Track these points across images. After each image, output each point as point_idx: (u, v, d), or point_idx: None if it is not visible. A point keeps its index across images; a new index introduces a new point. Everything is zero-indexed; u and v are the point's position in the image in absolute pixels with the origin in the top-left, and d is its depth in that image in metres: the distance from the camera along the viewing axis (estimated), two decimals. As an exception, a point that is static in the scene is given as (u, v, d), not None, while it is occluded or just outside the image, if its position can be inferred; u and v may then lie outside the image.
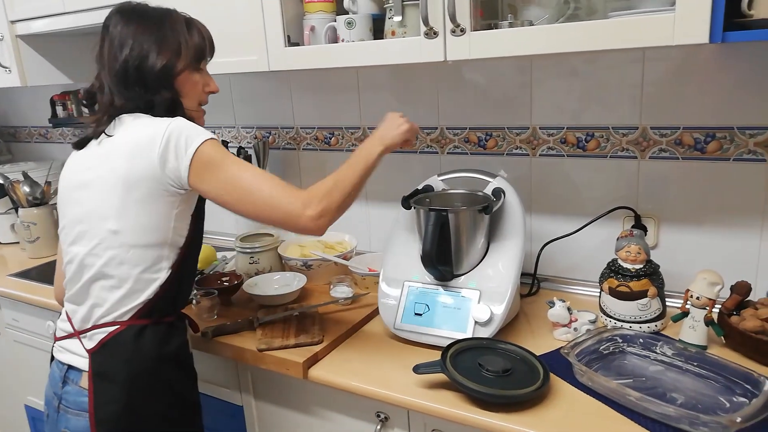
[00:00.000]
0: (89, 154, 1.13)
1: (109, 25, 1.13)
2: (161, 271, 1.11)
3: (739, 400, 1.00)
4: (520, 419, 1.01)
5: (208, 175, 1.05)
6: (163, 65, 1.10)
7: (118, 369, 1.08)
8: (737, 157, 1.27)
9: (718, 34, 0.92)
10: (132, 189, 1.06)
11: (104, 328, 1.10)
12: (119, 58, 1.09)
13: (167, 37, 1.12)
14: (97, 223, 1.09)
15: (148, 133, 1.05)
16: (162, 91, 1.11)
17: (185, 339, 1.19)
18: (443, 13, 1.12)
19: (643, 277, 1.25)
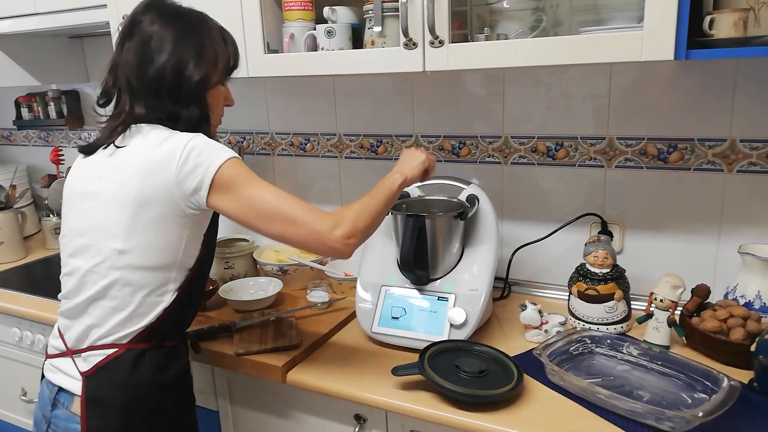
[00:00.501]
0: (98, 161, 1.07)
1: (142, 21, 1.04)
2: (167, 293, 1.06)
3: (700, 396, 1.06)
4: (495, 418, 1.04)
5: (231, 196, 0.99)
6: (200, 78, 1.04)
7: (113, 395, 1.04)
8: (697, 167, 1.34)
9: (682, 52, 0.98)
10: (143, 208, 1.00)
11: (102, 351, 1.05)
12: (155, 62, 1.02)
13: (206, 46, 1.05)
14: (102, 240, 1.03)
15: (166, 149, 0.99)
16: (192, 105, 1.05)
17: (186, 362, 1.15)
18: (422, 25, 1.16)
19: (610, 281, 1.31)
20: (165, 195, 0.99)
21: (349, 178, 1.77)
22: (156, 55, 1.02)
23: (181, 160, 0.98)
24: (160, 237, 1.02)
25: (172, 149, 0.99)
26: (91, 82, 2.20)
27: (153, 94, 1.03)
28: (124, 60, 1.05)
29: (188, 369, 1.16)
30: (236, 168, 1.01)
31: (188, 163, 0.98)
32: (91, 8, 1.61)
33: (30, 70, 2.01)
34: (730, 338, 1.15)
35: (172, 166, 0.98)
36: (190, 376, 1.17)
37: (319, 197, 1.83)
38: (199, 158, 0.98)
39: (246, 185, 1.00)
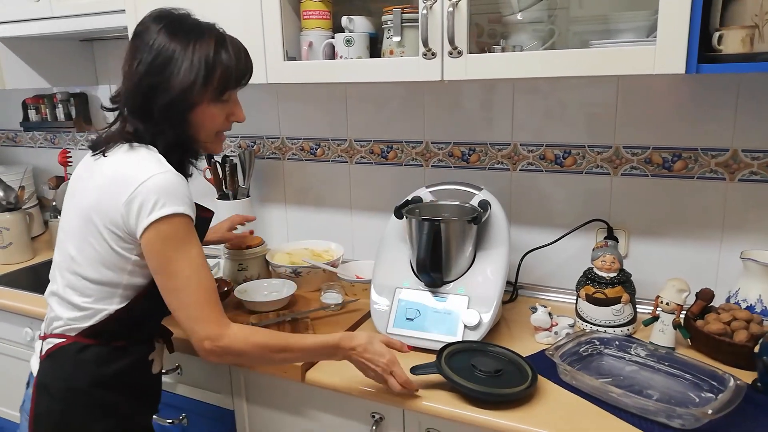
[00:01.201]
0: (85, 163, 1.12)
1: (138, 33, 1.05)
2: (111, 304, 1.07)
3: (706, 396, 1.11)
4: (511, 416, 1.08)
5: (159, 249, 1.00)
6: (173, 98, 1.01)
7: (55, 383, 1.08)
8: (700, 175, 1.39)
9: (693, 66, 1.03)
10: (93, 221, 1.02)
11: (53, 339, 1.10)
12: (133, 77, 1.02)
13: (189, 60, 1.01)
14: (66, 241, 1.09)
15: (129, 173, 1.00)
16: (166, 125, 1.04)
17: (139, 359, 1.14)
18: (442, 36, 1.20)
19: (617, 285, 1.36)
20: (111, 217, 1.01)
21: (358, 182, 1.81)
22: (135, 69, 1.02)
23: (137, 189, 0.98)
24: (104, 255, 1.03)
25: (134, 176, 0.99)
26: (100, 84, 2.22)
27: (130, 110, 1.05)
28: (122, 70, 1.07)
29: (145, 368, 1.16)
30: (180, 227, 1.00)
31: (141, 195, 0.98)
32: (109, 13, 1.63)
33: (41, 73, 2.02)
34: (734, 340, 1.20)
35: (126, 191, 0.98)
36: (148, 374, 1.17)
37: (328, 202, 1.86)
38: (152, 196, 0.98)
39: (177, 248, 1.00)
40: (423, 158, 1.70)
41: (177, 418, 1.50)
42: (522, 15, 1.30)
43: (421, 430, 1.19)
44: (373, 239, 1.81)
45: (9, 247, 2.02)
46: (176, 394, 1.49)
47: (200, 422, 1.48)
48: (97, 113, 2.27)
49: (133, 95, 1.03)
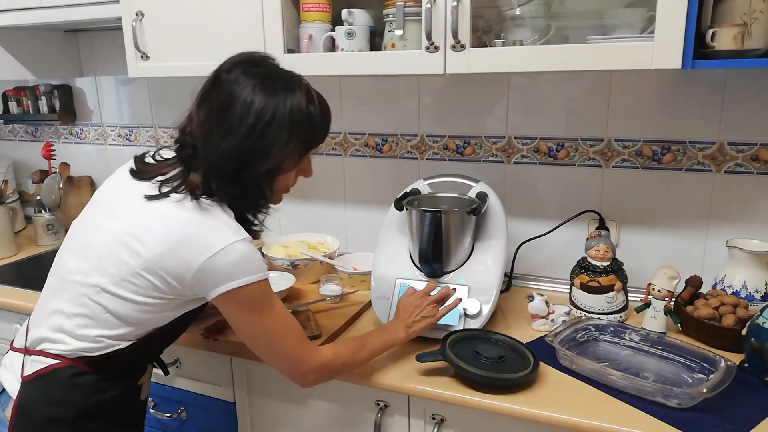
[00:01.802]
0: (139, 188, 1.02)
1: (226, 81, 0.97)
2: (125, 340, 1.02)
3: (698, 376, 1.16)
4: (515, 400, 1.12)
5: (243, 313, 1.00)
6: (271, 168, 0.99)
7: (40, 408, 1.00)
8: (688, 167, 1.45)
9: (689, 61, 1.07)
10: (149, 273, 0.97)
11: (46, 359, 1.01)
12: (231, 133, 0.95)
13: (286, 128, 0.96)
14: (93, 267, 1.00)
15: (206, 237, 0.95)
16: (254, 189, 1.01)
17: (130, 387, 1.10)
18: (444, 30, 1.22)
19: (610, 273, 1.40)
20: (177, 273, 0.96)
21: (352, 175, 1.82)
22: (234, 126, 0.95)
23: (214, 256, 0.95)
24: (146, 301, 0.99)
25: (212, 241, 0.95)
26: (86, 76, 2.18)
27: (215, 168, 0.98)
28: (198, 119, 0.99)
29: (134, 395, 1.12)
30: (262, 292, 1.00)
31: (217, 263, 0.95)
32: (101, 3, 1.61)
33: (26, 64, 1.98)
34: (722, 324, 1.25)
35: (202, 256, 0.95)
36: (136, 402, 1.13)
37: (322, 194, 1.87)
38: (229, 266, 0.96)
39: (262, 311, 1.01)
40: (418, 151, 1.72)
41: (175, 411, 1.49)
42: (520, 10, 1.34)
43: (426, 416, 1.21)
44: (367, 232, 1.84)
45: (-8, 242, 1.97)
46: (174, 387, 1.49)
47: (199, 415, 1.48)
48: (82, 106, 2.23)
49: (229, 159, 0.96)
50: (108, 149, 2.22)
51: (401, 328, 1.21)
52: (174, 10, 1.52)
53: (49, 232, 2.09)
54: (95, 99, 2.20)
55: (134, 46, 1.56)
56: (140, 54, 1.57)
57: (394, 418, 1.25)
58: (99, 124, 2.21)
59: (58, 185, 2.09)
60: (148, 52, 1.57)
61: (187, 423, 1.50)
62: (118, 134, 2.19)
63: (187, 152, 1.02)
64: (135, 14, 1.55)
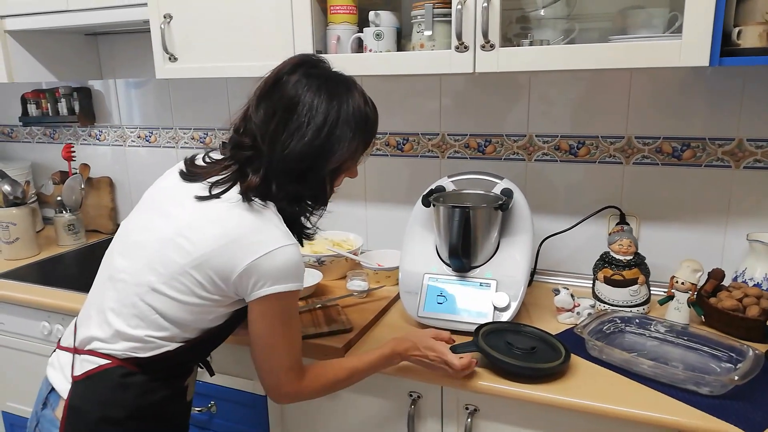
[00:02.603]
0: (190, 190, 1.04)
1: (288, 82, 0.99)
2: (174, 342, 1.04)
3: (725, 365, 1.19)
4: (548, 388, 1.15)
5: (269, 317, 1.01)
6: (337, 166, 1.02)
7: (91, 408, 1.02)
8: (708, 163, 1.48)
9: (716, 59, 1.11)
10: (197, 271, 0.98)
11: (97, 359, 1.03)
12: (299, 134, 0.97)
13: (350, 127, 1.00)
14: (144, 267, 1.02)
15: (256, 239, 0.97)
16: (318, 188, 1.03)
17: (178, 388, 1.11)
18: (474, 29, 1.26)
19: (633, 267, 1.44)
20: (223, 273, 0.98)
21: (373, 174, 1.85)
22: (303, 128, 0.97)
23: (261, 258, 0.96)
24: (194, 301, 1.00)
25: (262, 244, 0.97)
26: (105, 79, 2.21)
27: (280, 169, 0.99)
28: (257, 118, 1.00)
29: (181, 396, 1.13)
30: (292, 302, 1.03)
31: (263, 266, 0.97)
32: (128, 6, 1.64)
33: (49, 67, 2.00)
34: (746, 315, 1.29)
35: (249, 257, 0.96)
36: (182, 402, 1.14)
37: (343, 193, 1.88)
38: (274, 271, 0.97)
39: (283, 322, 1.02)
40: (439, 150, 1.75)
41: (205, 406, 1.52)
42: (545, 11, 1.37)
43: (459, 406, 1.24)
44: (388, 230, 1.86)
45: (16, 242, 1.99)
46: (205, 382, 1.51)
47: (230, 409, 1.50)
48: (101, 108, 2.26)
49: (300, 159, 0.98)
50: (127, 150, 2.25)
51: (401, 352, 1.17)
52: (202, 12, 1.54)
53: (70, 233, 2.11)
54: (114, 101, 2.22)
55: (162, 48, 1.59)
56: (168, 56, 1.60)
57: (427, 408, 1.27)
58: (118, 125, 2.24)
59: (79, 186, 2.11)
60: (176, 54, 1.60)
61: (217, 417, 1.52)
62: (137, 135, 2.21)
63: (245, 153, 1.02)
64: (163, 17, 1.58)
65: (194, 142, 2.11)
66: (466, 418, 1.22)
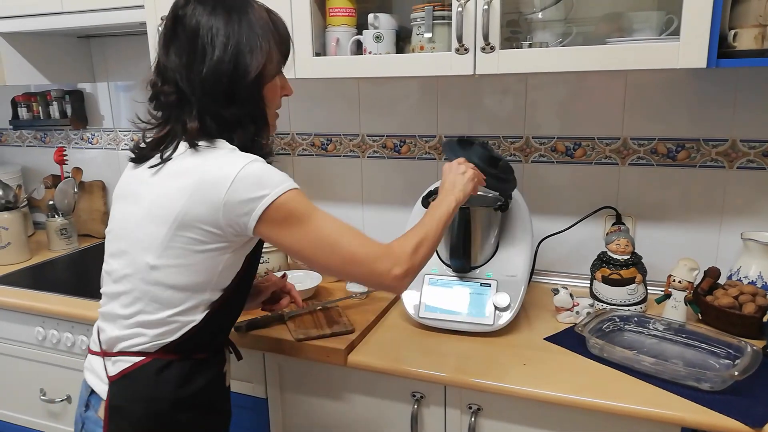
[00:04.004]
0: (143, 171, 1.04)
1: (185, 15, 0.98)
2: (197, 312, 1.03)
3: (724, 362, 1.21)
4: (551, 386, 1.15)
5: (287, 229, 0.97)
6: (258, 72, 0.98)
7: (134, 406, 1.02)
8: (702, 164, 1.51)
9: (713, 60, 1.13)
10: (183, 229, 0.96)
11: (129, 357, 1.03)
12: (207, 58, 0.95)
13: (258, 33, 0.98)
14: (136, 251, 1.01)
15: (218, 171, 0.95)
16: (250, 105, 1.01)
17: (216, 374, 1.11)
18: (474, 32, 1.27)
19: (631, 266, 1.46)
20: (209, 220, 0.96)
21: (370, 177, 1.86)
22: (208, 50, 0.96)
23: (232, 186, 0.94)
24: (196, 258, 0.98)
25: (225, 173, 0.94)
26: (98, 82, 2.19)
27: (206, 97, 0.98)
28: (171, 63, 0.99)
29: (220, 382, 1.13)
30: (295, 200, 0.97)
31: (239, 190, 0.94)
32: (123, 9, 1.63)
33: (41, 69, 1.98)
34: (743, 312, 1.31)
35: (222, 191, 0.94)
36: (222, 388, 1.15)
37: (340, 196, 1.90)
38: (252, 187, 0.95)
39: (305, 218, 0.98)
40: (436, 152, 1.76)
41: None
42: (542, 14, 1.39)
43: (462, 405, 1.25)
44: (384, 232, 1.85)
45: (7, 247, 1.97)
46: (204, 386, 1.50)
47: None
48: (93, 111, 2.24)
49: (216, 78, 0.96)
50: (120, 154, 2.23)
51: (450, 195, 1.16)
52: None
53: (63, 237, 2.09)
54: (107, 104, 2.21)
55: (160, 50, 1.58)
56: (166, 58, 1.59)
57: (430, 408, 1.28)
58: (111, 129, 2.22)
59: (72, 189, 2.09)
60: (173, 56, 1.59)
61: (218, 421, 1.51)
62: (131, 139, 2.19)
63: (170, 100, 1.00)
64: (160, 19, 1.57)
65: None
66: (470, 418, 1.23)
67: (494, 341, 1.34)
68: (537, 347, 1.31)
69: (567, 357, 1.26)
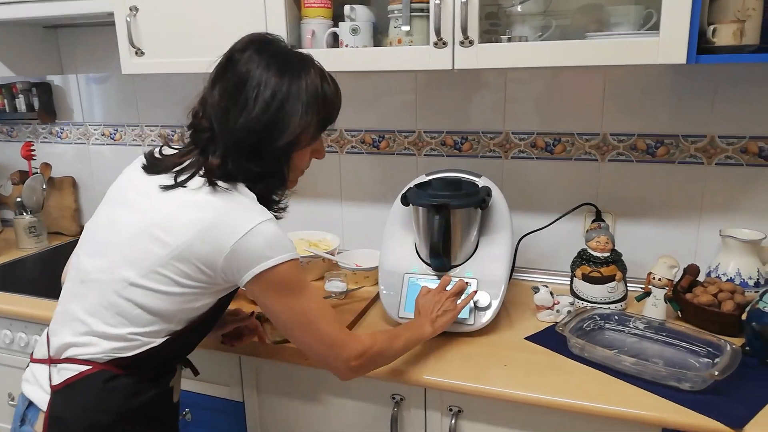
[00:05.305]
0: (157, 180, 1.01)
1: (239, 60, 0.98)
2: (158, 337, 1.00)
3: (704, 360, 1.21)
4: (531, 388, 1.14)
5: (276, 295, 0.99)
6: (289, 141, 0.98)
7: (77, 417, 0.98)
8: (681, 160, 1.50)
9: (693, 56, 1.11)
10: (179, 261, 0.95)
11: (76, 366, 0.99)
12: (246, 112, 0.96)
13: (302, 101, 0.98)
14: (119, 262, 0.98)
15: (234, 219, 0.95)
16: (272, 166, 1.01)
17: (165, 388, 1.09)
18: (453, 25, 1.24)
19: (611, 264, 1.44)
20: (208, 259, 0.96)
21: (349, 172, 1.82)
22: (250, 103, 0.96)
23: (244, 237, 0.95)
24: (178, 290, 0.98)
25: (241, 222, 0.95)
26: (66, 74, 2.11)
27: (234, 146, 0.98)
28: (213, 99, 0.99)
29: (168, 396, 1.10)
30: (293, 272, 0.99)
31: (249, 243, 0.95)
32: (92, -2, 1.57)
33: (4, 61, 1.91)
34: (722, 310, 1.31)
35: (232, 237, 0.94)
36: (170, 403, 1.12)
37: (318, 192, 1.86)
38: (261, 245, 0.96)
39: (295, 292, 1.00)
40: (416, 147, 1.73)
41: (180, 413, 1.46)
42: (521, 7, 1.36)
43: (443, 407, 1.23)
44: (364, 229, 1.84)
45: (-27, 246, 1.90)
46: (178, 389, 1.46)
47: (206, 417, 1.46)
48: (62, 104, 2.17)
49: (248, 133, 0.97)
50: (91, 149, 2.16)
51: (427, 324, 1.22)
52: (170, 4, 1.49)
53: (31, 235, 2.03)
54: (76, 97, 2.14)
55: (128, 42, 1.53)
56: (135, 50, 1.53)
57: (410, 411, 1.26)
58: (81, 122, 2.15)
59: (40, 186, 2.03)
60: (143, 48, 1.53)
61: (192, 425, 1.47)
62: (101, 133, 2.13)
63: (203, 136, 1.01)
64: (129, 9, 1.51)
65: (162, 140, 2.03)
66: (451, 420, 1.21)
67: (475, 341, 1.32)
68: (518, 347, 1.30)
69: (548, 357, 1.25)
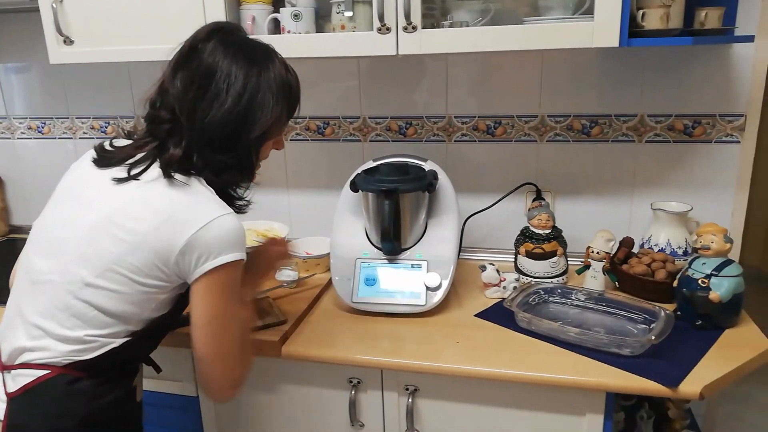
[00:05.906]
0: (109, 174, 0.98)
1: (204, 50, 0.96)
2: (117, 338, 0.97)
3: (641, 327, 1.29)
4: (483, 363, 1.18)
5: (212, 296, 0.96)
6: (263, 132, 0.98)
7: (37, 424, 0.94)
8: (614, 139, 1.58)
9: (625, 40, 1.17)
10: (132, 255, 0.93)
11: (33, 371, 0.95)
12: (222, 105, 0.94)
13: (273, 93, 0.98)
14: (74, 260, 0.95)
15: (191, 213, 0.93)
16: (242, 157, 0.99)
17: (127, 388, 1.05)
18: (396, 11, 1.25)
19: (552, 240, 1.51)
20: (162, 254, 0.93)
21: (294, 160, 1.81)
22: (221, 95, 0.94)
23: (200, 231, 0.93)
24: (134, 289, 0.95)
25: (197, 216, 0.93)
26: (-14, 64, 1.99)
27: (203, 138, 0.96)
28: (175, 89, 0.96)
29: (131, 396, 1.07)
30: (235, 274, 0.97)
31: (203, 238, 0.93)
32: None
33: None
34: (655, 278, 1.39)
35: (188, 232, 0.92)
36: (133, 403, 1.08)
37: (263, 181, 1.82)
38: (216, 240, 0.93)
39: (229, 294, 0.97)
40: (361, 133, 1.74)
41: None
42: (461, -8, 1.39)
43: (399, 387, 1.26)
44: (312, 216, 1.84)
45: None
46: (128, 388, 1.42)
47: (158, 414, 1.42)
48: (-19, 97, 2.03)
49: (222, 126, 0.95)
50: (17, 143, 2.04)
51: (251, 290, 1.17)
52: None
53: (-44, 238, 1.90)
54: (-3, 89, 2.01)
55: (55, 30, 1.45)
56: (63, 38, 1.46)
57: (368, 393, 1.28)
58: (4, 116, 2.03)
59: (-38, 185, 1.90)
60: (72, 37, 1.46)
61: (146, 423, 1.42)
62: (28, 127, 2.01)
63: (164, 127, 0.97)
64: (54, -3, 1.43)
65: (95, 132, 1.95)
66: (407, 399, 1.24)
67: (427, 321, 1.36)
68: (468, 324, 1.34)
69: (497, 332, 1.30)
